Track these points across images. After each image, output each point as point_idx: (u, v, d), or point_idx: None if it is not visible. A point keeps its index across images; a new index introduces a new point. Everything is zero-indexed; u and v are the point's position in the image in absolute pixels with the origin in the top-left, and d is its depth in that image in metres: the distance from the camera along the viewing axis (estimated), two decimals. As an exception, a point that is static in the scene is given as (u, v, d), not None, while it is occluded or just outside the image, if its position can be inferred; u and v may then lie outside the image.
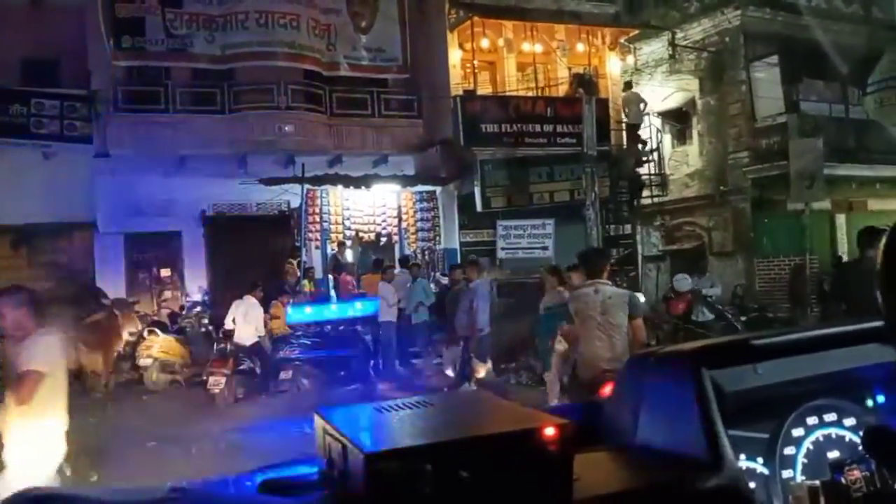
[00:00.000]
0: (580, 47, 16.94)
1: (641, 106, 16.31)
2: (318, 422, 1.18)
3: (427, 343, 12.46)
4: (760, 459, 1.36)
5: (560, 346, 7.62)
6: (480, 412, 1.29)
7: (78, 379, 10.82)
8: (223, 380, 9.94)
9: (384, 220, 16.07)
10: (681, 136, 17.70)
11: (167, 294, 15.11)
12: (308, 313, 11.74)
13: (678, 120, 17.61)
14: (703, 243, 16.59)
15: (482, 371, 10.35)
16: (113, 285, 13.35)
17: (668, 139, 17.72)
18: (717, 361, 1.33)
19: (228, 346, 10.61)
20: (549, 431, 1.07)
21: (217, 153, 14.41)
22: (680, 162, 17.51)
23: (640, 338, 5.80)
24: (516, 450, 1.06)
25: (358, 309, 11.75)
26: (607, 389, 5.81)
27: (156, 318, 13.34)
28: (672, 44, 17.03)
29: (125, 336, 10.70)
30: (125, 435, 8.46)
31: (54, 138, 14.61)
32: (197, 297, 14.78)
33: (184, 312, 13.89)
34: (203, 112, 14.59)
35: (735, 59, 16.01)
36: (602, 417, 1.44)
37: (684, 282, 12.12)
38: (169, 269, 15.51)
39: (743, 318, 12.02)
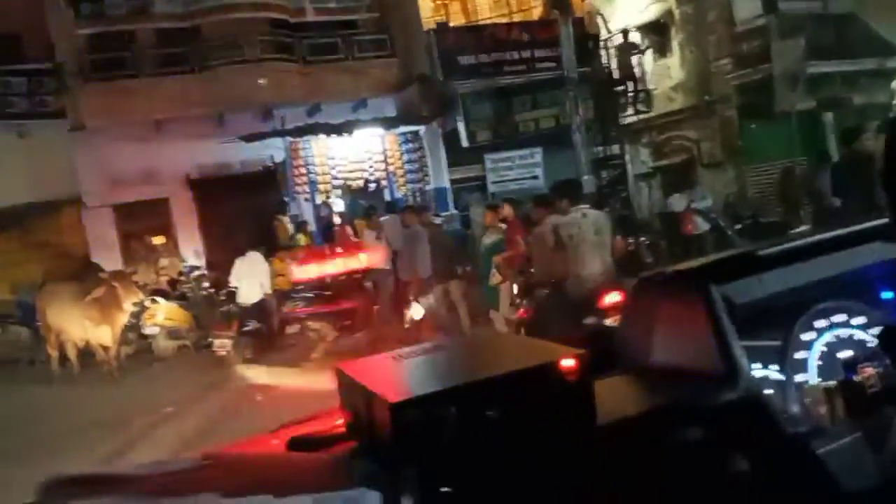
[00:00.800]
0: (551, -33, 16.50)
1: (634, 59, 16.11)
2: (341, 376, 1.19)
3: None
4: (774, 367, 1.37)
5: (494, 279, 8.41)
6: (498, 351, 1.30)
7: (88, 354, 10.97)
8: (229, 342, 10.01)
9: (371, 166, 15.92)
10: (661, 49, 17.39)
11: (164, 261, 15.06)
12: (313, 269, 11.72)
13: (657, 33, 17.28)
14: (692, 156, 16.51)
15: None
16: (108, 258, 13.32)
17: (648, 54, 17.43)
18: (724, 276, 1.33)
19: (231, 308, 10.65)
20: (569, 362, 1.08)
21: (193, 114, 14.19)
22: (662, 76, 17.25)
23: (620, 250, 6.94)
24: (538, 384, 1.07)
25: (362, 259, 11.74)
26: (607, 298, 6.11)
27: (156, 286, 13.35)
28: (645, -46, 16.60)
29: (126, 307, 10.70)
30: (142, 403, 8.60)
31: (26, 116, 14.42)
32: (193, 261, 14.76)
33: (183, 278, 13.90)
34: (173, 73, 14.34)
35: (709, -37, 15.64)
36: (613, 343, 1.44)
37: (679, 202, 12.05)
38: (162, 237, 15.43)
39: (737, 227, 12.08)
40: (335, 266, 11.65)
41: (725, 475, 1.12)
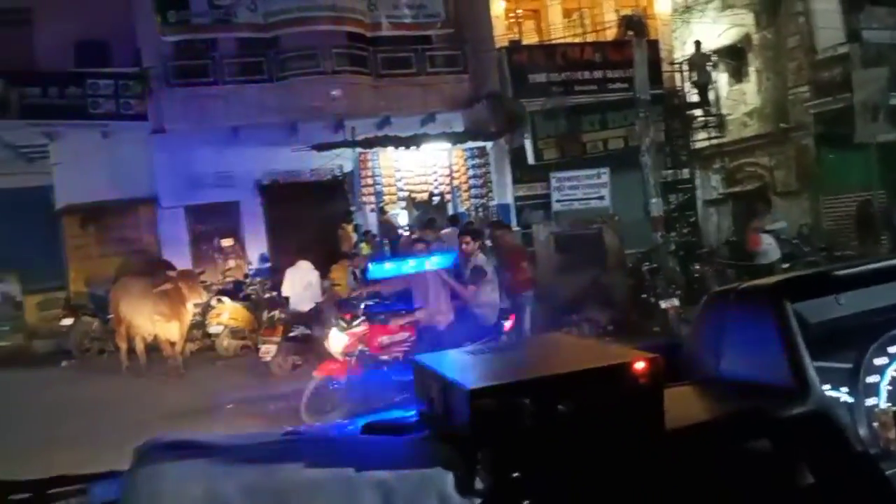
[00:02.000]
0: (627, -12, 16.45)
1: (709, 67, 15.84)
2: (417, 367, 1.23)
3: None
4: (844, 389, 1.36)
5: None
6: (573, 350, 1.32)
7: (154, 348, 11.36)
8: (273, 347, 10.10)
9: (436, 179, 16.07)
10: (737, 74, 17.06)
11: (231, 263, 15.51)
12: (388, 269, 11.81)
13: (733, 57, 16.96)
14: (765, 184, 16.09)
15: None
16: (179, 257, 13.77)
17: (723, 78, 17.13)
18: (798, 293, 1.33)
19: (278, 314, 10.79)
20: (640, 365, 1.09)
21: (268, 122, 14.62)
22: (737, 101, 16.92)
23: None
24: (610, 383, 1.08)
25: (434, 262, 11.80)
26: None
27: (222, 286, 13.73)
28: (724, -23, 16.35)
29: (190, 306, 11.02)
30: (204, 399, 8.84)
31: (111, 117, 15.01)
32: (259, 264, 15.13)
33: (248, 280, 14.26)
34: (252, 82, 14.80)
35: (792, -12, 15.29)
36: (682, 354, 1.45)
37: (767, 244, 10.99)
38: (230, 239, 15.88)
39: (810, 260, 11.69)
40: (409, 268, 11.61)
41: (792, 488, 1.12)
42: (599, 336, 10.37)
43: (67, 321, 13.48)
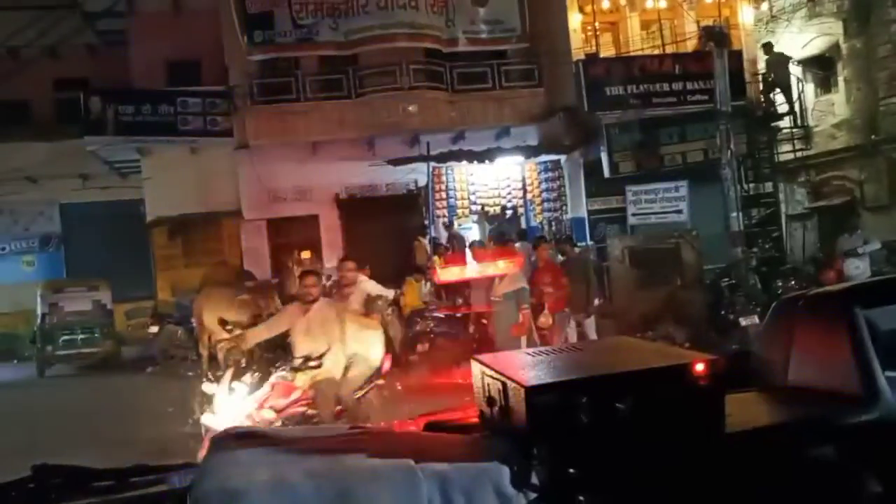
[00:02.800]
0: (708, -1, 16.11)
1: (792, 69, 15.35)
2: (476, 366, 1.25)
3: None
4: None
5: None
6: (632, 351, 1.32)
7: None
8: None
9: (509, 193, 16.07)
10: (824, 84, 16.45)
11: (308, 275, 15.86)
12: (458, 271, 11.91)
13: (821, 67, 16.36)
14: (853, 198, 15.41)
15: None
16: (259, 268, 14.22)
17: (810, 88, 16.53)
18: (869, 300, 1.30)
19: None
20: (700, 366, 1.10)
21: (346, 137, 14.98)
22: (825, 112, 16.28)
23: None
24: (668, 383, 1.08)
25: (501, 267, 11.82)
26: None
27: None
28: (811, -15, 15.81)
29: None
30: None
31: (199, 134, 15.69)
32: (335, 276, 15.43)
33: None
34: (331, 98, 15.22)
35: (882, -4, 14.68)
36: (749, 362, 1.44)
37: (854, 268, 10.30)
38: (309, 251, 16.26)
39: (902, 276, 11.08)
40: (475, 272, 11.60)
41: (857, 496, 1.11)
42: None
43: (154, 329, 14.09)
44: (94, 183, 18.34)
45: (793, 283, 11.36)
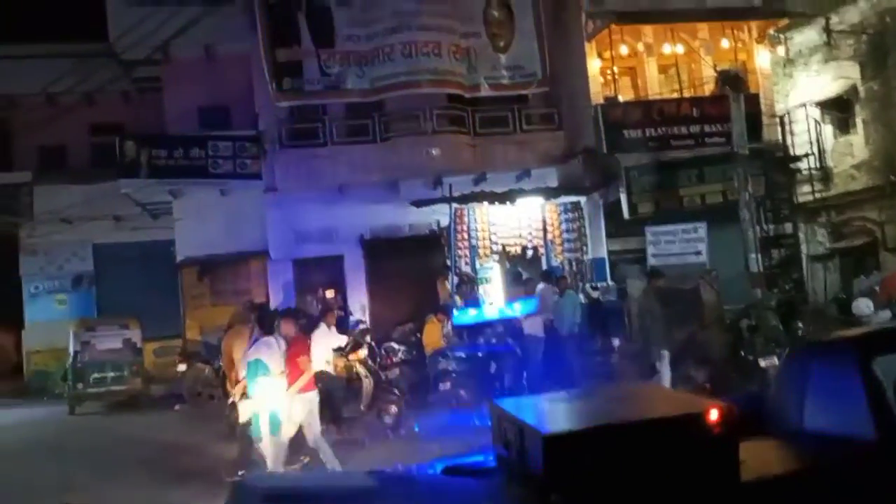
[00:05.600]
0: (725, 43, 16.40)
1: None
2: (494, 410, 1.30)
3: (577, 356, 12.45)
4: None
5: None
6: (647, 398, 1.35)
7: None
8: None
9: (530, 234, 16.26)
10: (843, 126, 16.56)
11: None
12: (473, 315, 12.21)
13: (839, 109, 16.49)
14: (874, 239, 15.40)
15: None
16: (284, 307, 14.47)
17: (828, 130, 16.65)
18: (885, 347, 1.31)
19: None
20: (714, 415, 1.11)
21: (372, 180, 15.35)
22: (844, 153, 16.37)
23: None
24: (684, 431, 1.08)
25: (516, 309, 12.08)
26: None
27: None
28: (827, 30, 16.03)
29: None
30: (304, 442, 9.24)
31: (229, 176, 16.10)
32: (359, 315, 15.67)
33: (348, 330, 14.78)
34: (357, 143, 15.61)
35: (899, 39, 14.85)
36: (765, 407, 1.40)
37: (865, 306, 10.25)
38: (333, 291, 16.54)
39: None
40: (492, 315, 11.78)
41: None
42: (696, 394, 10.17)
43: (182, 367, 14.36)
44: (126, 224, 18.83)
45: (813, 324, 11.38)
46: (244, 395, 7.85)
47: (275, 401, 7.20)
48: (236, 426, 7.53)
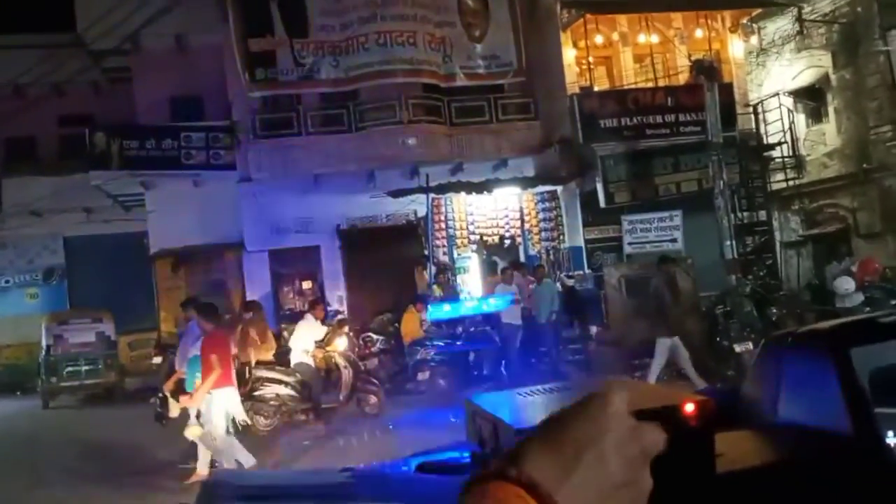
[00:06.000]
0: (699, 33, 16.50)
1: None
2: (469, 407, 1.27)
3: (555, 344, 12.52)
4: None
5: None
6: None
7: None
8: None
9: (507, 223, 16.28)
10: (815, 115, 16.77)
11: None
12: (447, 311, 12.22)
13: (811, 98, 16.70)
14: (847, 226, 15.65)
15: None
16: (261, 298, 14.36)
17: (801, 118, 16.85)
18: (858, 338, 1.32)
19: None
20: (690, 408, 1.10)
21: (347, 170, 15.24)
22: (816, 142, 16.59)
23: None
24: (659, 424, 1.10)
25: (491, 304, 12.09)
26: None
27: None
28: (799, 19, 16.19)
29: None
30: (284, 434, 9.19)
31: (202, 167, 15.93)
32: (336, 306, 15.60)
33: (325, 321, 14.70)
34: (332, 133, 15.48)
35: (869, 29, 15.02)
36: (740, 399, 1.43)
37: (846, 282, 10.51)
38: (310, 282, 16.45)
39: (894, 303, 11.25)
40: (466, 310, 11.84)
41: None
42: (672, 380, 10.26)
43: (157, 360, 14.18)
44: (98, 216, 18.58)
45: (786, 310, 11.53)
46: (177, 390, 7.80)
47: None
48: (165, 420, 7.45)
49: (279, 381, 9.53)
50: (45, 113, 18.82)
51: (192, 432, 7.08)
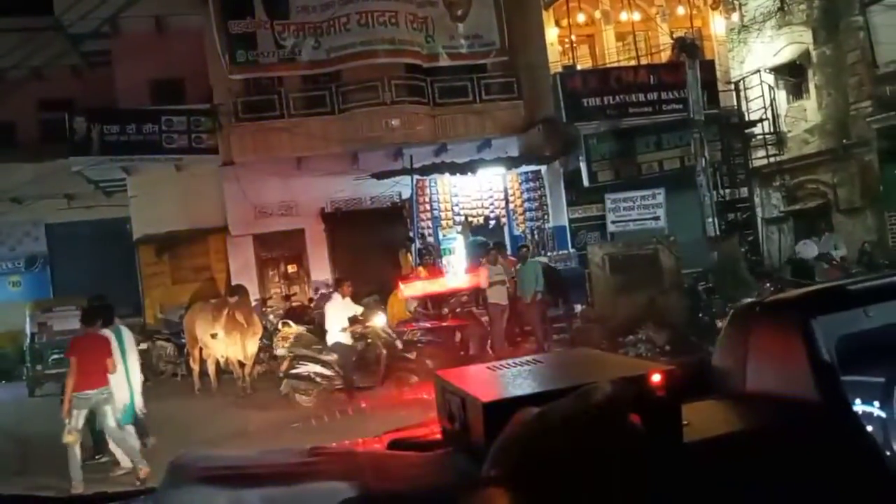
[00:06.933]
0: (681, 10, 16.50)
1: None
2: (438, 382, 1.26)
3: (540, 323, 12.60)
4: (876, 403, 1.32)
5: None
6: (589, 364, 1.34)
7: (225, 372, 11.89)
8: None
9: (492, 203, 16.32)
10: (796, 91, 16.86)
11: (295, 288, 16.06)
12: (421, 287, 12.30)
13: (792, 74, 16.78)
14: (827, 201, 15.80)
15: None
16: (246, 283, 14.33)
17: (782, 95, 16.94)
18: (825, 306, 1.29)
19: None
20: (656, 377, 1.09)
21: (330, 152, 15.19)
22: (797, 118, 16.69)
23: None
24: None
25: (465, 279, 12.19)
26: None
27: (287, 311, 14.25)
28: (780, -5, 16.23)
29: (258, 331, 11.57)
30: (271, 419, 9.24)
31: (184, 151, 15.80)
32: (323, 289, 15.62)
33: (312, 304, 14.74)
34: (315, 114, 15.40)
35: (849, 4, 15.09)
36: (708, 370, 1.41)
37: (809, 248, 11.22)
38: (295, 265, 16.45)
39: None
40: (441, 286, 11.91)
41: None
42: (657, 356, 10.39)
43: (143, 346, 14.16)
44: (79, 202, 18.44)
45: (768, 285, 11.67)
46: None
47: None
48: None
49: (315, 360, 9.79)
50: (24, 97, 18.58)
51: (67, 438, 7.17)
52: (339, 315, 10.22)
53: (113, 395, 7.39)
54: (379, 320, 10.51)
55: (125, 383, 7.72)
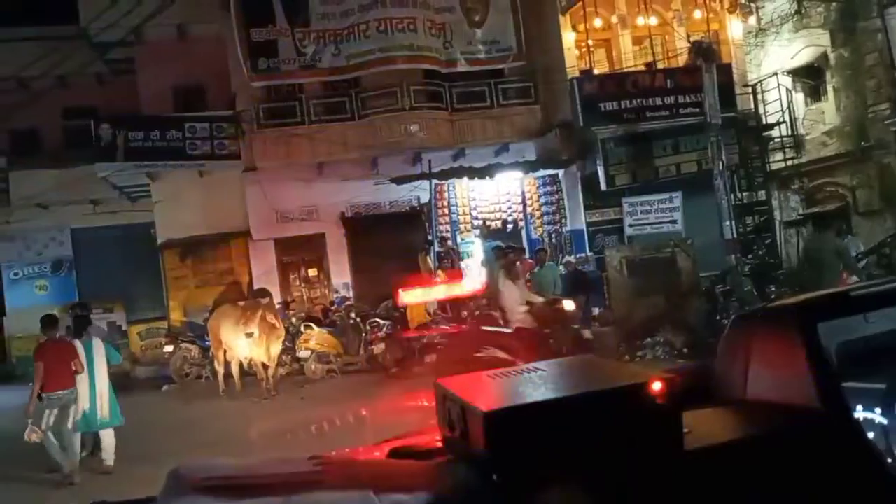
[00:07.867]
0: (697, 14, 16.55)
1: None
2: (439, 391, 1.26)
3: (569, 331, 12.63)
4: (878, 409, 1.33)
5: None
6: (590, 372, 1.35)
7: (248, 374, 12.11)
8: None
9: (509, 207, 16.43)
10: (814, 94, 16.84)
11: (316, 292, 16.29)
12: (420, 294, 12.42)
13: (810, 77, 16.76)
14: (846, 203, 15.77)
15: None
16: (268, 286, 14.56)
17: (800, 98, 16.93)
18: (826, 313, 1.30)
19: None
20: (657, 386, 1.10)
21: (351, 158, 15.39)
22: (815, 120, 16.66)
23: None
24: (625, 403, 1.09)
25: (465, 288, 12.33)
26: None
27: (309, 314, 14.47)
28: (797, -2, 16.23)
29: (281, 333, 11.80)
30: (294, 419, 9.41)
31: (207, 157, 15.99)
32: (343, 292, 15.83)
33: (333, 307, 14.94)
34: (335, 120, 15.59)
35: (867, 6, 15.06)
36: (710, 377, 1.43)
37: (855, 244, 10.77)
38: (315, 269, 16.65)
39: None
40: (440, 293, 12.02)
41: None
42: (675, 359, 10.46)
43: (168, 348, 14.43)
44: (104, 208, 18.72)
45: (786, 288, 11.71)
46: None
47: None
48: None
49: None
50: (49, 105, 18.89)
51: (31, 437, 7.50)
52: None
53: (78, 396, 7.86)
54: None
55: (87, 393, 8.07)
